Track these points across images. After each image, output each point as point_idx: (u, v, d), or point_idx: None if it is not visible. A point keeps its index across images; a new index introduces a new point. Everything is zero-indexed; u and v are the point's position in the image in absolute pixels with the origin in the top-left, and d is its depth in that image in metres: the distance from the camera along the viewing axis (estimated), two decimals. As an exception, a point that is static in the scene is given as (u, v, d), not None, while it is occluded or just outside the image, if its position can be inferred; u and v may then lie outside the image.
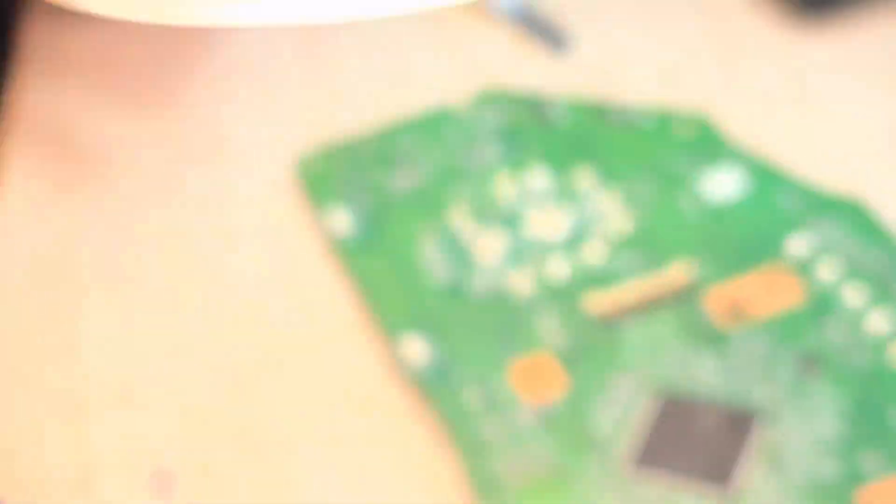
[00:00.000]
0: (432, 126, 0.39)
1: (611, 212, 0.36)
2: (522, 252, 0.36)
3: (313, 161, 0.39)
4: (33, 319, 0.36)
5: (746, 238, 0.35)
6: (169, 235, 0.37)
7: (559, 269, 0.35)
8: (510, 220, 0.36)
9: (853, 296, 0.33)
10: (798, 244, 0.35)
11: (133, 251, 0.37)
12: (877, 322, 0.33)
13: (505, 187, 0.37)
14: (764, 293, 0.34)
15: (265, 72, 0.41)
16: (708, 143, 0.38)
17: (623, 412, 0.32)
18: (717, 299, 0.34)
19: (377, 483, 0.32)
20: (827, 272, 0.34)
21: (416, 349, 0.33)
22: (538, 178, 0.37)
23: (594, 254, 0.35)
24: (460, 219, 0.36)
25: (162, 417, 0.33)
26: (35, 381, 0.34)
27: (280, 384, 0.34)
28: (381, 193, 0.38)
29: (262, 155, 0.39)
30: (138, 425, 0.33)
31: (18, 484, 0.32)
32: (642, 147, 0.38)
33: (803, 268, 0.34)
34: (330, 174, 0.38)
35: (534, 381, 0.33)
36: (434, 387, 0.33)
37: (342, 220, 0.37)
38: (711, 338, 0.33)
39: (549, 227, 0.36)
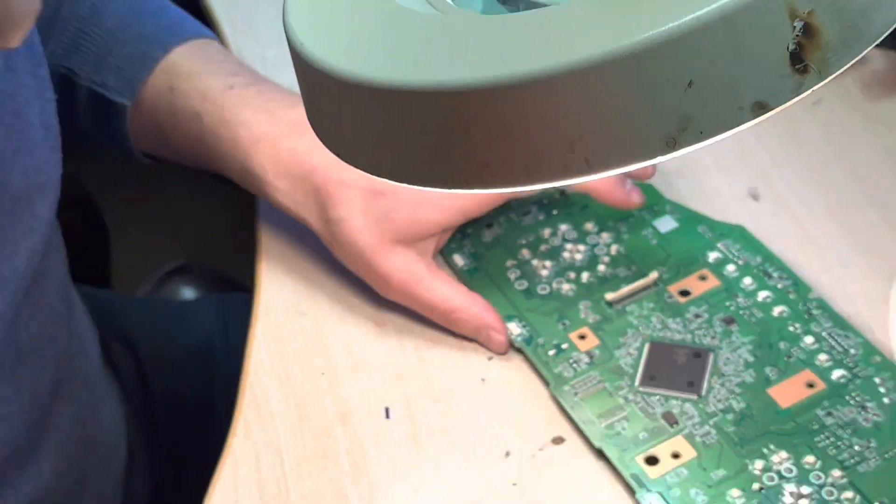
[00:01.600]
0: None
1: (609, 244, 0.63)
2: (564, 271, 0.62)
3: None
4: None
5: (686, 254, 0.63)
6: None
7: (587, 278, 0.62)
8: (554, 254, 0.63)
9: (747, 282, 0.61)
10: (714, 256, 0.62)
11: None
12: (763, 296, 0.60)
13: (547, 235, 0.64)
14: (700, 284, 0.61)
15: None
16: (652, 198, 0.65)
17: (632, 353, 0.58)
18: (676, 289, 0.61)
19: (500, 396, 0.58)
20: (731, 271, 0.62)
21: (515, 330, 0.60)
22: (563, 226, 0.64)
23: (605, 269, 0.62)
24: (526, 254, 0.63)
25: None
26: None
27: (440, 354, 0.59)
28: (479, 242, 0.64)
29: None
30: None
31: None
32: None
33: (721, 270, 0.62)
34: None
35: (581, 342, 0.59)
36: (528, 349, 0.59)
37: (459, 259, 0.63)
38: (673, 308, 0.60)
39: (576, 256, 0.63)
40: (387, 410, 0.58)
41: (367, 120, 0.35)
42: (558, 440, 0.57)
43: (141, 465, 0.76)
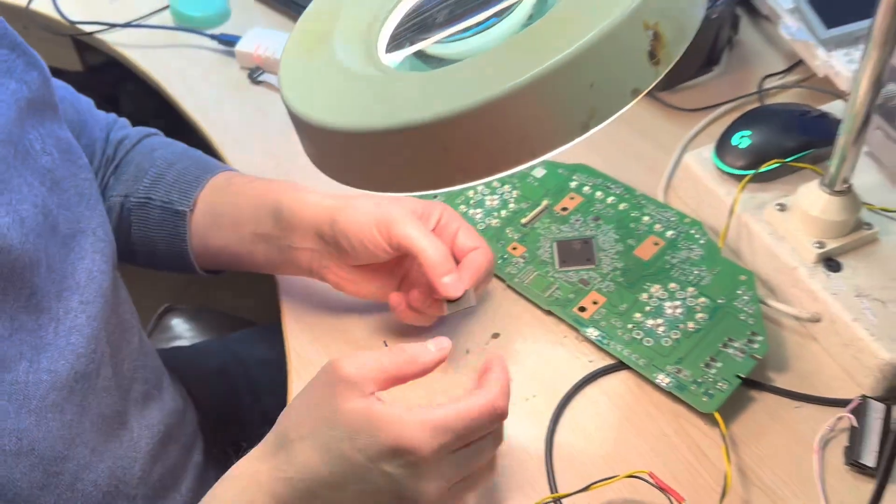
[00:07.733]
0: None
1: (510, 191, 0.97)
2: (490, 213, 0.96)
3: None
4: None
5: (557, 187, 0.98)
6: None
7: (505, 214, 0.95)
8: (480, 204, 0.96)
9: (599, 195, 0.97)
10: (573, 184, 0.98)
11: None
12: (610, 200, 0.96)
13: (471, 193, 0.97)
14: (572, 202, 0.96)
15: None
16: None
17: (548, 251, 0.92)
18: (559, 208, 0.96)
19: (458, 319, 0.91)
20: (587, 190, 0.97)
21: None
22: (480, 187, 0.98)
23: (514, 206, 0.96)
24: (464, 209, 0.96)
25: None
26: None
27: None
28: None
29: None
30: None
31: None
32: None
33: (581, 191, 0.97)
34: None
35: (515, 251, 0.93)
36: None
37: (419, 220, 0.96)
38: (562, 220, 0.95)
39: (494, 202, 0.96)
40: (385, 342, 0.88)
41: (373, 157, 0.46)
42: (495, 335, 0.89)
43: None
